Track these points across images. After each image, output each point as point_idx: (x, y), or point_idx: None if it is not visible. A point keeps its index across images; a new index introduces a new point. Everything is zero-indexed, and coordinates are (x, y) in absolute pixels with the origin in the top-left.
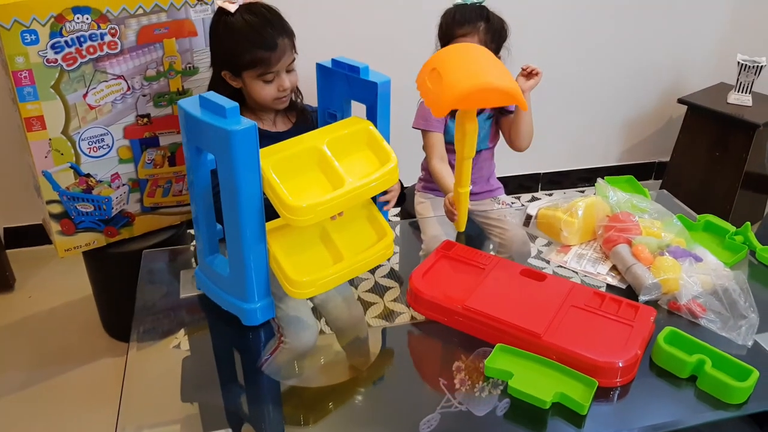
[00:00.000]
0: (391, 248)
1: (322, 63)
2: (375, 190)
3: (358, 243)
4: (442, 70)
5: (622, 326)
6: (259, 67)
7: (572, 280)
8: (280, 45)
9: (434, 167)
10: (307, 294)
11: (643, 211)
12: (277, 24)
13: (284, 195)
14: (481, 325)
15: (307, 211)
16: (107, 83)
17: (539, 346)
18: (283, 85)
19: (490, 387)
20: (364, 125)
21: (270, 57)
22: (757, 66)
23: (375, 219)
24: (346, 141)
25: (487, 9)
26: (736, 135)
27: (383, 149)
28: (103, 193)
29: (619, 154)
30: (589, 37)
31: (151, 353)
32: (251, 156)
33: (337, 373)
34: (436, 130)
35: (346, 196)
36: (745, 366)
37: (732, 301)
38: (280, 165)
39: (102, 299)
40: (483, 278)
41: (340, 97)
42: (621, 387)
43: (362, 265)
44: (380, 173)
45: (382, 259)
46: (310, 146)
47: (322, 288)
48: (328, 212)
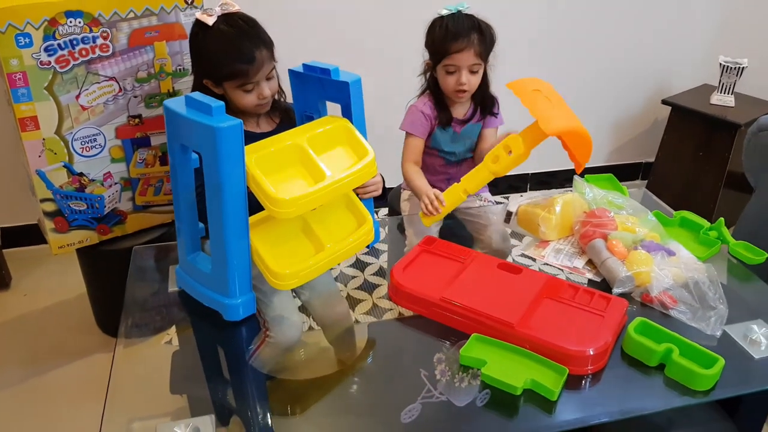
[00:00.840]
0: (372, 233)
1: (294, 69)
2: (354, 183)
3: (338, 231)
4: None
5: (593, 317)
6: (239, 79)
7: (549, 274)
8: (258, 57)
9: (407, 169)
10: (291, 285)
11: (620, 207)
12: (254, 36)
13: (269, 189)
14: (457, 316)
15: (290, 203)
16: (99, 85)
17: (513, 336)
18: (262, 93)
19: (469, 378)
20: (341, 123)
21: (248, 69)
22: (739, 67)
23: (354, 206)
24: (325, 138)
25: (476, 18)
26: (719, 135)
27: (360, 144)
28: (95, 191)
29: (606, 155)
30: (575, 40)
31: (139, 348)
32: (236, 152)
33: (323, 366)
34: (419, 136)
35: (327, 189)
36: (711, 354)
37: (702, 293)
38: (264, 161)
39: (95, 296)
40: (461, 271)
41: (314, 99)
42: (593, 375)
43: (344, 252)
44: (359, 167)
45: (363, 245)
46: (292, 143)
47: (306, 278)
48: (310, 204)
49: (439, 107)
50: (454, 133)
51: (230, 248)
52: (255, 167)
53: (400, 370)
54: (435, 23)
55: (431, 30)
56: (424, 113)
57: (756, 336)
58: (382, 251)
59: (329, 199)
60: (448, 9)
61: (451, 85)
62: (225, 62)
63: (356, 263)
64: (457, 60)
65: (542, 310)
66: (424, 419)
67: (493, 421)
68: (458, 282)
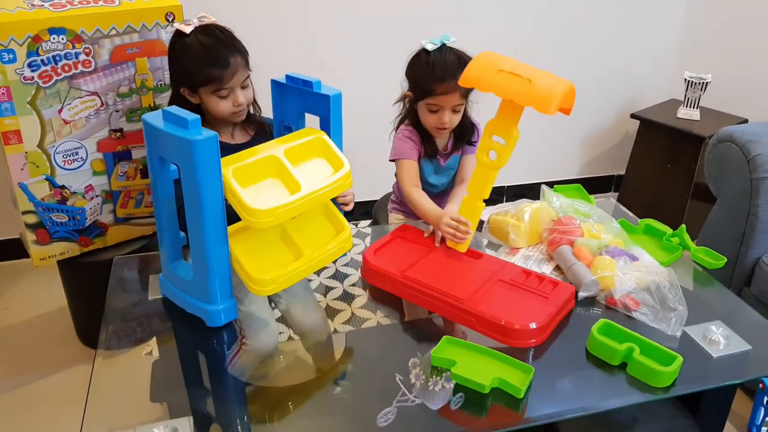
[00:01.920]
0: (350, 241)
1: (277, 79)
2: (330, 194)
3: (316, 239)
4: (524, 73)
5: (539, 297)
6: (214, 84)
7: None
8: (233, 63)
9: (411, 195)
10: (270, 291)
11: (586, 215)
12: (229, 44)
13: (245, 200)
14: (416, 292)
15: (266, 214)
16: (81, 99)
17: (462, 311)
18: (237, 100)
19: (443, 381)
20: (318, 135)
21: (223, 74)
22: (703, 82)
23: (332, 215)
24: (301, 150)
25: (462, 55)
26: (685, 148)
27: (336, 157)
28: (77, 204)
29: (579, 168)
30: (547, 57)
31: (119, 359)
32: (212, 164)
33: (300, 373)
34: (414, 159)
35: (302, 200)
36: (670, 352)
37: (663, 296)
38: (241, 172)
39: (76, 308)
40: (426, 255)
41: (294, 110)
42: (557, 374)
43: (322, 259)
44: (334, 178)
45: (340, 252)
46: (268, 155)
47: (285, 284)
48: (286, 215)
49: (423, 139)
50: (438, 166)
51: (210, 256)
52: (231, 179)
53: (376, 375)
54: (420, 57)
55: (415, 63)
56: (412, 139)
57: (714, 336)
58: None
59: (305, 209)
60: (433, 43)
61: (432, 122)
62: (200, 68)
63: (336, 274)
64: (441, 101)
65: (493, 290)
66: (399, 422)
67: (464, 419)
68: (421, 263)
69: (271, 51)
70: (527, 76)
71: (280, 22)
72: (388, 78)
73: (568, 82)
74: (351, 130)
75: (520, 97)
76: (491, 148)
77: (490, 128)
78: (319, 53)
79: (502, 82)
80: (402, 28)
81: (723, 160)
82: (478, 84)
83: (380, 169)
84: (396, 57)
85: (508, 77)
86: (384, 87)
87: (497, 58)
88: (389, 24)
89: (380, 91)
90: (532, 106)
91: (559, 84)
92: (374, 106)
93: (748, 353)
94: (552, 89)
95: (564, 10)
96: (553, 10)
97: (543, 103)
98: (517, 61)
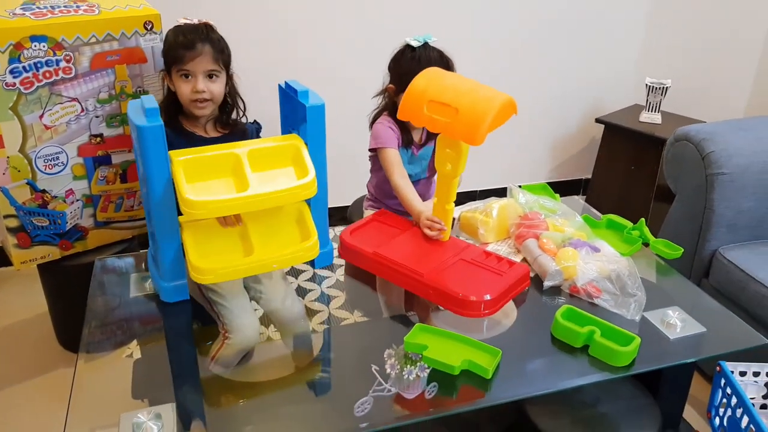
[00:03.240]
0: (315, 250)
1: (281, 84)
2: (282, 200)
3: (276, 241)
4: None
5: (494, 275)
6: (177, 64)
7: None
8: (198, 48)
9: (398, 184)
10: (207, 280)
11: (551, 211)
12: (203, 33)
13: (182, 189)
14: (383, 267)
15: (199, 206)
16: (62, 105)
17: (422, 284)
18: (196, 86)
19: (417, 370)
20: (294, 142)
21: (185, 54)
22: (663, 87)
23: (304, 222)
24: (270, 153)
25: (443, 54)
26: (648, 150)
27: (304, 165)
28: (57, 208)
29: (548, 172)
30: (516, 66)
31: (101, 361)
32: (158, 150)
33: (280, 367)
34: (393, 147)
35: (243, 201)
36: (628, 334)
37: (623, 284)
38: (195, 164)
39: (56, 312)
40: (397, 236)
41: (294, 116)
42: (524, 356)
43: (275, 261)
44: (289, 185)
45: (300, 259)
46: (228, 152)
47: (224, 276)
48: (222, 211)
49: (401, 128)
50: (412, 155)
51: (160, 237)
52: (179, 167)
53: (352, 367)
54: (405, 53)
55: (400, 58)
56: (392, 129)
57: (672, 320)
58: (339, 265)
59: (247, 210)
60: (417, 40)
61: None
62: (171, 47)
63: (314, 277)
64: None
65: (453, 267)
66: (376, 411)
67: (437, 402)
68: (391, 243)
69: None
70: (456, 105)
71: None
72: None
73: (501, 99)
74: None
75: (448, 131)
76: (447, 159)
77: (440, 142)
78: (295, 60)
79: (432, 115)
80: (373, 36)
81: (680, 159)
82: (413, 119)
83: (352, 174)
84: (365, 61)
85: (438, 109)
86: (355, 90)
87: (432, 81)
88: (360, 31)
89: (354, 96)
90: (460, 140)
91: (486, 109)
92: (346, 111)
93: (704, 335)
94: (477, 120)
95: (528, 21)
96: (518, 21)
97: (469, 137)
98: (456, 77)
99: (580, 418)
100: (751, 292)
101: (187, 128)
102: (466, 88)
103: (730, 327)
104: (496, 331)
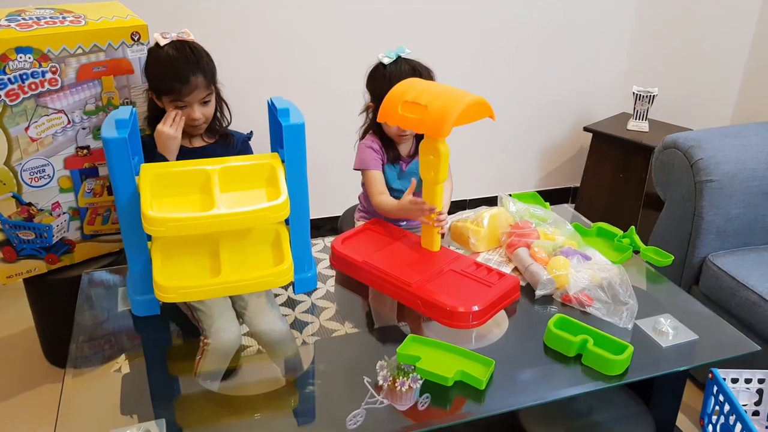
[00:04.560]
0: (287, 276)
1: (268, 100)
2: (249, 222)
3: (248, 264)
4: (421, 100)
5: (483, 286)
6: (172, 96)
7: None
8: (192, 81)
9: (379, 202)
10: (170, 298)
11: (542, 219)
12: (193, 62)
13: (145, 204)
14: (373, 276)
15: (159, 223)
16: (48, 117)
17: (410, 294)
18: (191, 115)
19: (410, 382)
20: (270, 161)
21: (181, 89)
22: (650, 95)
23: (279, 246)
24: (243, 172)
25: (416, 63)
26: (635, 159)
27: (278, 186)
28: (44, 221)
29: (537, 181)
30: (504, 74)
31: (89, 376)
32: (122, 162)
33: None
34: (377, 169)
35: (206, 220)
36: (621, 342)
37: (614, 292)
38: (162, 179)
39: (43, 327)
40: (388, 245)
41: (278, 134)
42: (517, 366)
43: (243, 285)
44: (257, 207)
45: (270, 285)
46: (199, 169)
47: (189, 296)
48: (183, 229)
49: (386, 145)
50: (401, 171)
51: (128, 249)
52: (147, 181)
53: (344, 379)
54: (377, 70)
55: (373, 76)
56: (373, 149)
57: (664, 327)
58: (329, 275)
59: (211, 230)
60: (389, 56)
61: (393, 131)
62: (163, 79)
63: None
64: None
65: (442, 278)
66: (368, 423)
67: (430, 413)
68: (383, 252)
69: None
70: (426, 102)
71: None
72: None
73: (471, 98)
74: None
75: (417, 127)
76: (429, 166)
77: (422, 149)
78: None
79: (405, 114)
80: (357, 50)
81: (668, 166)
82: (388, 119)
83: (342, 184)
84: (357, 71)
85: (410, 108)
86: (346, 100)
87: (410, 87)
88: (346, 44)
89: (342, 105)
90: (428, 133)
91: (455, 104)
92: (336, 122)
93: (696, 342)
94: (444, 112)
95: (516, 31)
96: (505, 30)
97: (434, 128)
98: (434, 83)
99: (574, 427)
100: (741, 299)
101: None
102: (439, 90)
103: (721, 334)
104: (488, 341)
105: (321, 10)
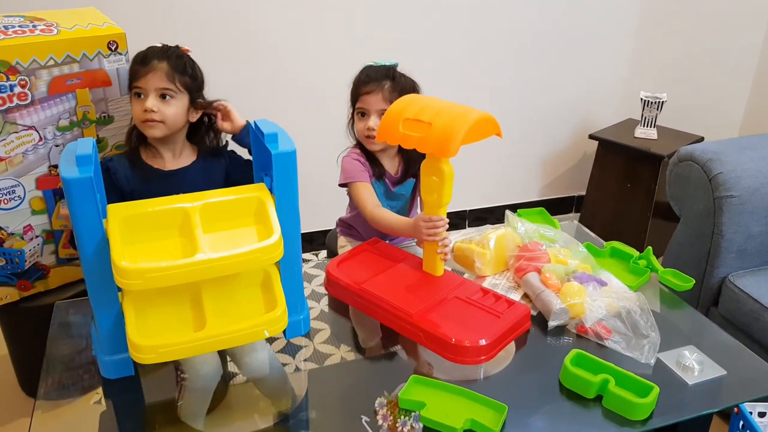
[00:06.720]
0: (282, 322)
1: (251, 123)
2: (239, 267)
3: (236, 312)
4: (424, 117)
5: (490, 316)
6: (132, 81)
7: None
8: (153, 65)
9: (375, 215)
10: (150, 360)
11: (552, 240)
12: (163, 53)
13: (116, 254)
14: (370, 304)
15: (135, 275)
16: (18, 134)
17: (411, 324)
18: (146, 104)
19: (412, 421)
20: (258, 194)
21: (138, 70)
22: (659, 101)
23: (270, 287)
24: (227, 208)
25: (395, 70)
26: (644, 167)
27: (268, 223)
28: (15, 246)
29: (540, 190)
30: (505, 81)
31: (63, 410)
32: (87, 207)
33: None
34: (366, 180)
35: (189, 268)
36: (646, 383)
37: (634, 322)
38: (135, 222)
39: (17, 357)
40: (387, 268)
41: (264, 161)
42: (531, 410)
43: (232, 338)
44: (246, 249)
45: (263, 335)
46: (176, 207)
47: (170, 356)
48: (163, 280)
49: (370, 160)
50: (388, 189)
51: (95, 304)
52: (115, 227)
53: (340, 416)
54: (358, 73)
55: (354, 80)
56: (359, 161)
57: (689, 362)
58: (323, 294)
59: (196, 278)
60: (375, 63)
61: (360, 129)
62: (132, 67)
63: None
64: (365, 102)
65: (446, 306)
66: None
67: None
68: (381, 277)
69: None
70: (429, 119)
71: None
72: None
73: (478, 114)
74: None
75: (420, 146)
76: (432, 188)
77: (424, 169)
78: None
79: (406, 132)
80: (348, 59)
81: (685, 180)
82: (387, 138)
83: (328, 200)
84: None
85: (412, 125)
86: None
87: (410, 103)
88: (338, 58)
89: (328, 119)
90: (433, 153)
91: (461, 121)
92: (326, 129)
93: (723, 379)
94: (450, 130)
95: (519, 36)
96: (507, 37)
97: (440, 148)
98: (435, 99)
99: None
100: (765, 323)
101: (145, 160)
102: (442, 106)
103: (749, 368)
104: (497, 378)
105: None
